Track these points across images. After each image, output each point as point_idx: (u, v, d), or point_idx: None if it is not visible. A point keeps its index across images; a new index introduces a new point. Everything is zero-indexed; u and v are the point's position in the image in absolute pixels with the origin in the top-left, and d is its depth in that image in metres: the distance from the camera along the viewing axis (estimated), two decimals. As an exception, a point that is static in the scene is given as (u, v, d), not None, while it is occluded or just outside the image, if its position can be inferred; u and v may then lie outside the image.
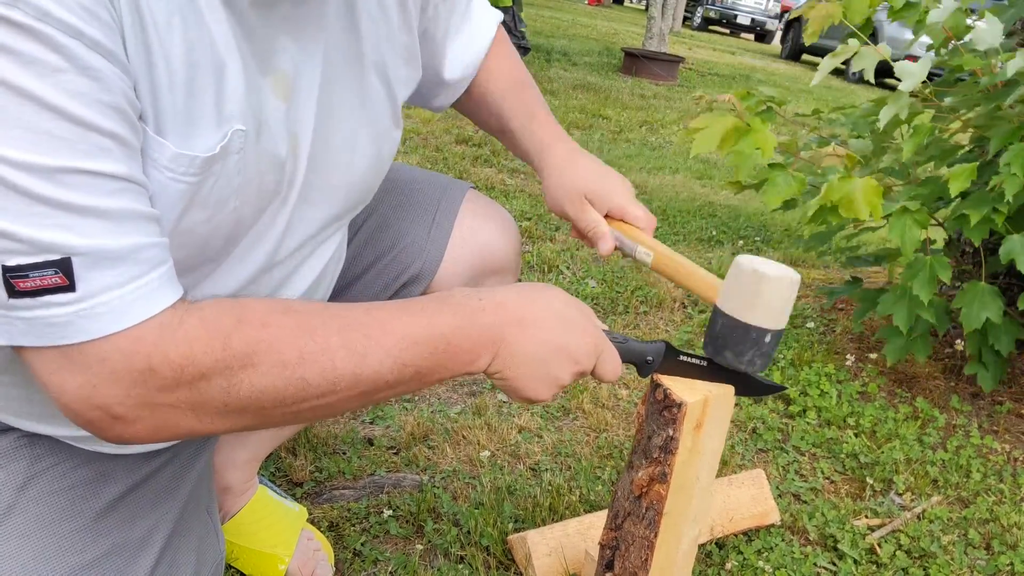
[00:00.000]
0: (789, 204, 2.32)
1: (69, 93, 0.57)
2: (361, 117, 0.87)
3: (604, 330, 0.86)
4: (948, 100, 1.91)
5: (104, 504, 0.81)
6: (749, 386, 0.93)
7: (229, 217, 0.74)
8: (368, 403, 0.77)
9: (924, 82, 1.82)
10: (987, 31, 1.80)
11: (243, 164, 0.72)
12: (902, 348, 1.93)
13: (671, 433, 0.88)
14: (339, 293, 1.08)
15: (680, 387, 0.89)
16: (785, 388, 0.94)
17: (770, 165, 1.87)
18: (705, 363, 0.91)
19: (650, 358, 0.90)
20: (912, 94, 1.79)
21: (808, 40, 1.86)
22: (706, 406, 0.89)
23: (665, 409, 0.88)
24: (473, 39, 1.09)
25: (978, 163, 1.69)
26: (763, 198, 1.83)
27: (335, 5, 0.81)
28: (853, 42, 1.81)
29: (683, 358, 0.91)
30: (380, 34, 0.87)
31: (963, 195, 1.79)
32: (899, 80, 1.75)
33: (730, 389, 0.92)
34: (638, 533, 0.93)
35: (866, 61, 1.83)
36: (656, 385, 0.90)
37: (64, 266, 0.58)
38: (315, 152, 0.81)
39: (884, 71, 1.98)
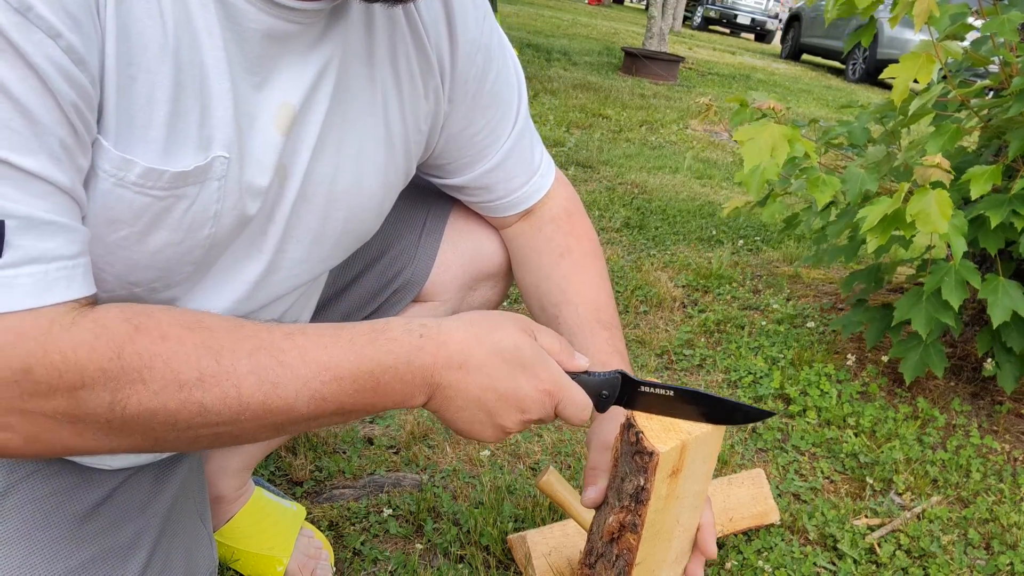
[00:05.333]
0: (791, 221, 2.32)
1: (34, 90, 0.56)
2: (370, 164, 0.85)
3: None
4: (975, 102, 1.90)
5: (86, 509, 0.80)
6: (730, 416, 0.81)
7: (202, 243, 0.73)
8: (283, 434, 0.71)
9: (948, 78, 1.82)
10: None
11: (223, 192, 0.71)
12: (918, 364, 1.90)
13: (642, 483, 0.78)
14: (328, 303, 1.07)
15: (655, 428, 0.78)
16: (773, 414, 0.83)
17: (801, 168, 1.87)
18: (671, 393, 0.80)
19: (605, 392, 0.79)
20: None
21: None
22: (684, 451, 0.78)
23: (637, 454, 0.77)
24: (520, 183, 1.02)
25: (1000, 165, 1.67)
26: (813, 195, 1.80)
27: (356, 49, 0.79)
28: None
29: (645, 389, 0.79)
30: (403, 85, 0.86)
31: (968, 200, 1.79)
32: (893, 79, 1.75)
33: (719, 428, 0.82)
34: None
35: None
36: (629, 425, 0.79)
37: None
38: (309, 189, 0.80)
39: (877, 70, 1.97)
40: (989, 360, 1.90)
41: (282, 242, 0.81)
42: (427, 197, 1.09)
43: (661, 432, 0.78)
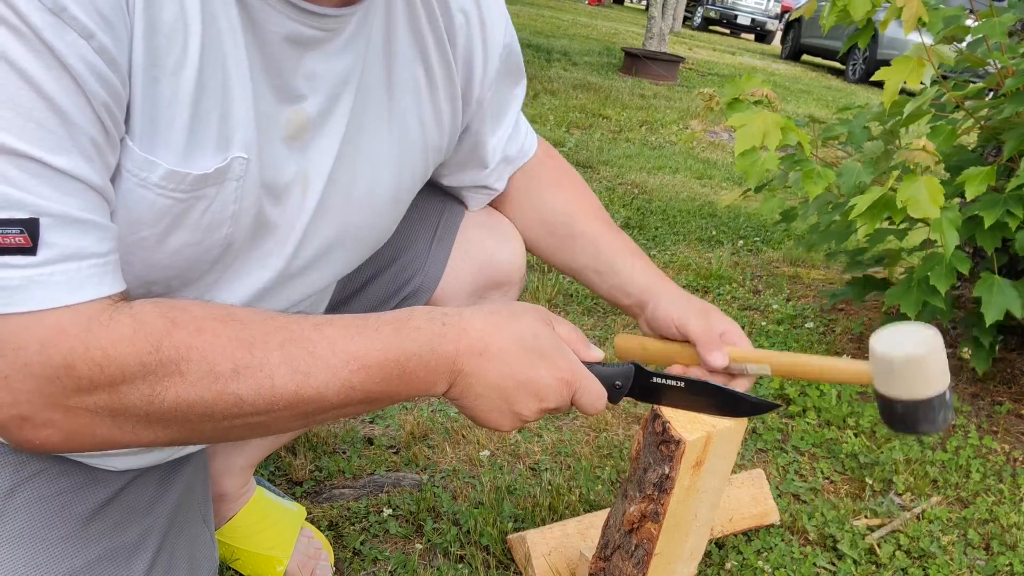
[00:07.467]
0: (789, 216, 2.33)
1: (68, 91, 0.57)
2: (386, 172, 0.86)
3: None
4: (969, 103, 1.91)
5: (92, 508, 0.80)
6: (738, 407, 0.84)
7: (220, 243, 0.73)
8: (311, 424, 0.73)
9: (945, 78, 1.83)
10: None
11: (241, 193, 0.72)
12: None
13: (667, 471, 0.80)
14: (338, 307, 1.07)
15: (681, 420, 0.80)
16: (779, 406, 0.86)
17: (796, 161, 1.87)
18: (682, 384, 0.82)
19: (618, 383, 0.81)
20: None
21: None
22: (708, 443, 0.81)
23: (663, 443, 0.80)
24: (515, 140, 1.06)
25: (996, 166, 1.68)
26: (806, 189, 1.81)
27: (379, 57, 0.80)
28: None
29: (656, 380, 0.82)
30: (422, 92, 0.87)
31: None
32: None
33: (740, 423, 0.84)
34: (625, 570, 0.86)
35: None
36: (655, 416, 0.81)
37: (31, 227, 0.57)
38: (327, 196, 0.80)
39: (877, 70, 1.98)
40: (965, 347, 1.91)
41: (297, 248, 0.81)
42: (439, 204, 1.09)
43: (687, 424, 0.80)
